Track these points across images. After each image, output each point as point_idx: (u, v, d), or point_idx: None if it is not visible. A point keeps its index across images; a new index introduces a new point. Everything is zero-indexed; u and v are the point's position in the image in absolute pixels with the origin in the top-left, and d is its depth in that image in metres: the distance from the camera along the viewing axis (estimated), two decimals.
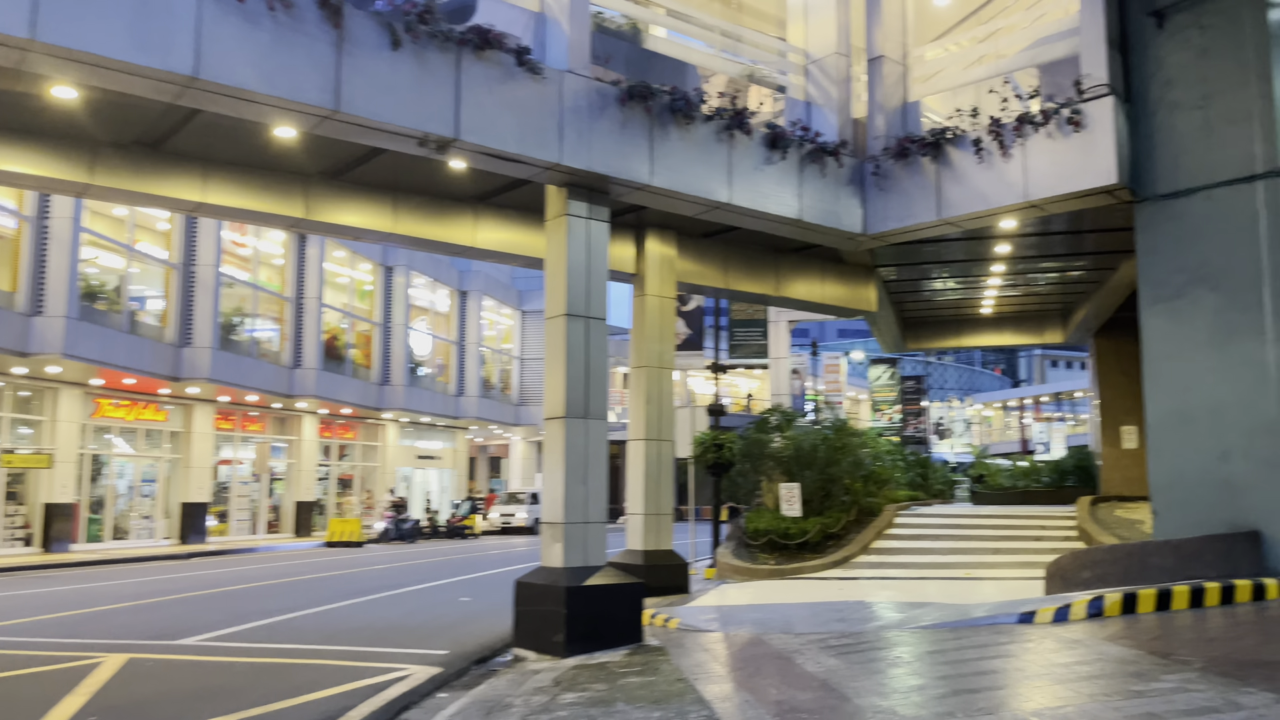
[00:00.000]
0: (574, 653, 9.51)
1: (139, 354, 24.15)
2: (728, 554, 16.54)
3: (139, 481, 28.58)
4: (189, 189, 11.19)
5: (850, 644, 8.78)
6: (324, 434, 35.25)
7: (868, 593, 13.10)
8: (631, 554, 14.31)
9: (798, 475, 17.21)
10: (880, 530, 17.56)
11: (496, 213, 13.51)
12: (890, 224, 12.14)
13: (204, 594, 15.54)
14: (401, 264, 35.70)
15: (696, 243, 15.59)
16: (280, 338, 30.66)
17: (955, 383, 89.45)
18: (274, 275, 30.87)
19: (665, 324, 14.76)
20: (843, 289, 17.54)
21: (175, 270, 26.09)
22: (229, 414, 30.98)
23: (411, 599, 14.96)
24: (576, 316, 10.23)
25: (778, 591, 13.77)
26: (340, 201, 12.24)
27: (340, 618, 12.67)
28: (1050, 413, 74.17)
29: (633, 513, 14.47)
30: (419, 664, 9.37)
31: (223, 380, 26.42)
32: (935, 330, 28.14)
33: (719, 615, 11.57)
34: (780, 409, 20.53)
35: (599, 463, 10.26)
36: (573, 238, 10.25)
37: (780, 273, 16.62)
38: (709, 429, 17.69)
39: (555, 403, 10.22)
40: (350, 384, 33.01)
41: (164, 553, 25.47)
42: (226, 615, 12.70)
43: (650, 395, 14.48)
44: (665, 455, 14.56)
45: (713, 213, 11.47)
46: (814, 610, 11.44)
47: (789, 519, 16.38)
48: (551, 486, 10.18)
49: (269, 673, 8.88)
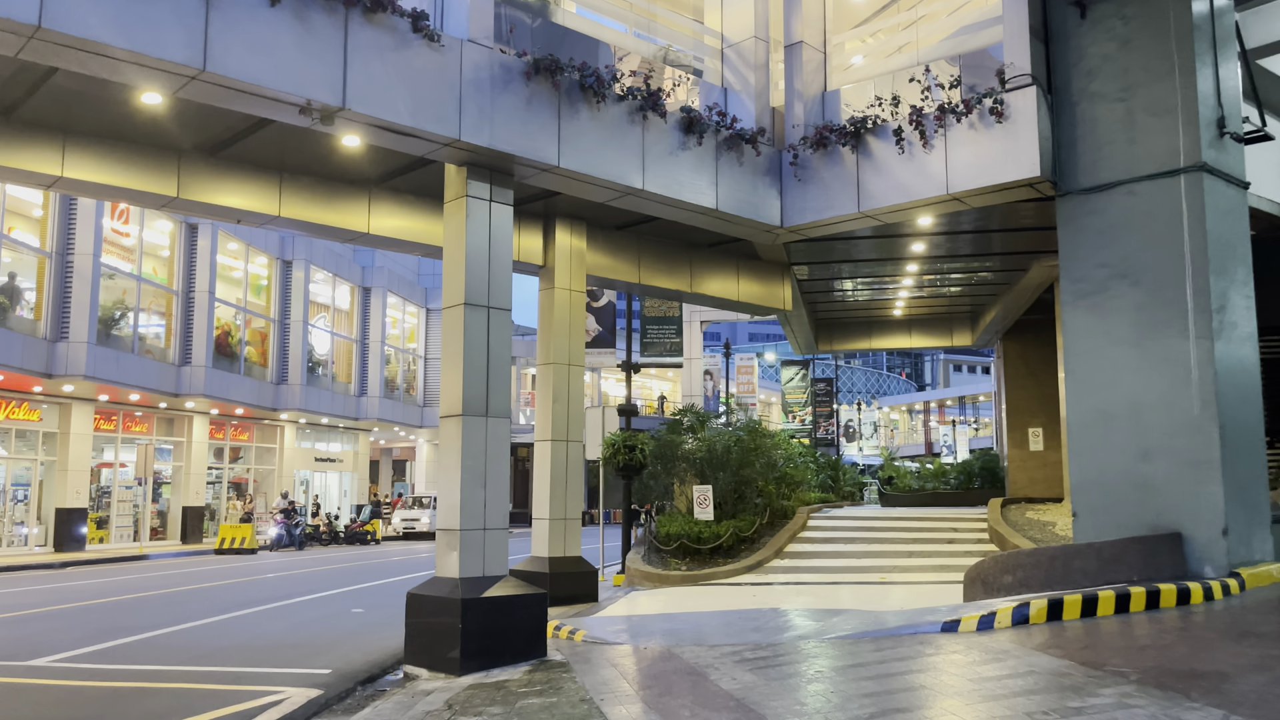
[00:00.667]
0: (470, 670, 8.76)
1: (6, 349, 22.37)
2: (638, 560, 15.94)
3: (9, 485, 26.59)
4: (45, 161, 10.07)
5: (767, 657, 8.23)
6: (215, 435, 33.51)
7: (782, 599, 12.63)
8: (537, 561, 13.59)
9: (710, 477, 16.71)
10: (794, 533, 17.18)
11: (394, 197, 12.65)
12: (809, 216, 11.69)
13: (70, 607, 14.24)
14: (301, 258, 34.19)
15: (608, 235, 14.95)
16: (167, 333, 28.93)
17: (863, 386, 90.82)
18: (161, 267, 29.13)
19: (575, 319, 14.08)
20: (758, 287, 17.12)
21: (49, 259, 24.30)
22: (110, 414, 29.12)
23: (299, 611, 13.95)
24: (477, 306, 9.48)
25: (690, 599, 13.20)
26: (219, 180, 11.23)
27: (217, 633, 11.63)
28: (954, 416, 75.81)
29: (539, 518, 13.75)
30: (298, 685, 8.50)
31: (101, 378, 24.71)
32: (847, 332, 28.10)
33: (628, 626, 10.93)
34: (693, 410, 20.06)
35: (500, 464, 9.52)
36: (473, 221, 9.50)
37: (695, 269, 16.11)
38: (620, 430, 17.07)
39: (452, 399, 9.44)
40: (244, 383, 31.41)
41: (37, 561, 23.68)
42: (90, 632, 11.54)
43: (559, 394, 13.79)
44: (574, 457, 13.88)
45: (625, 199, 10.84)
46: (727, 620, 10.89)
47: (701, 523, 15.86)
48: (448, 490, 9.41)
49: (123, 699, 7.90)
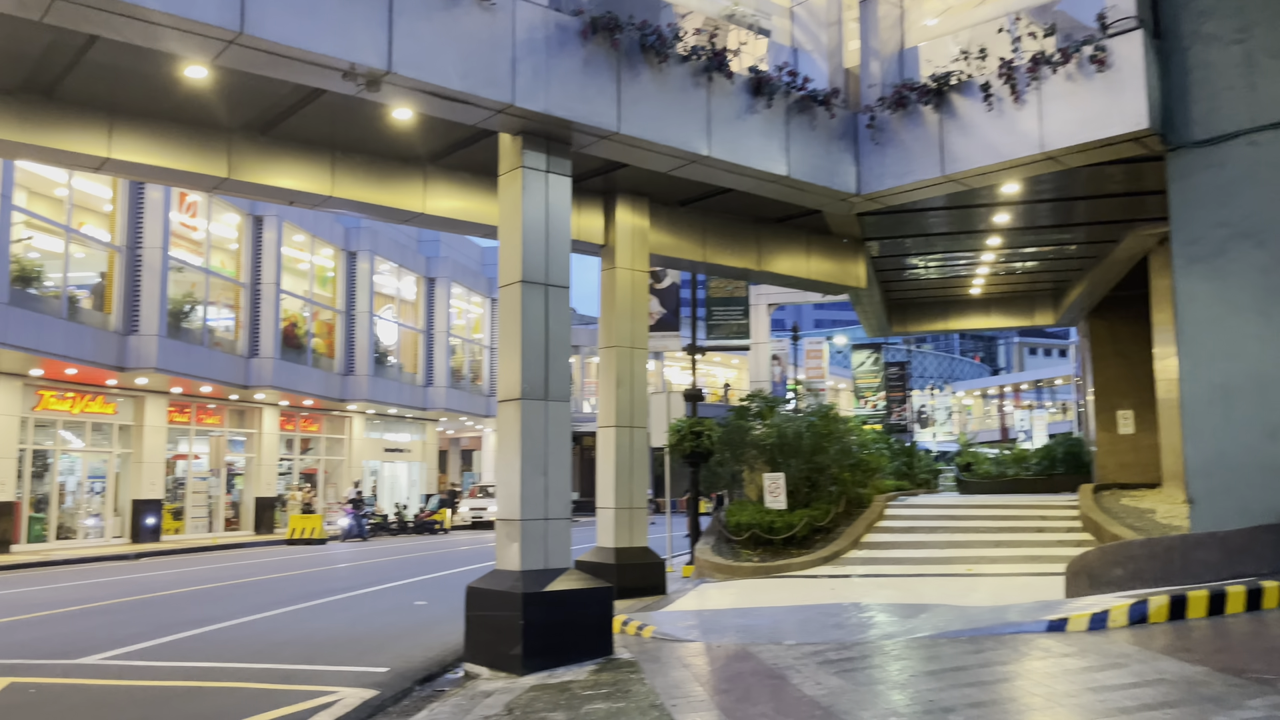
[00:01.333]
0: (533, 668, 8.23)
1: (78, 342, 22.57)
2: (707, 550, 15.31)
3: (86, 478, 26.99)
4: (92, 142, 9.78)
5: (852, 658, 7.55)
6: (286, 427, 33.72)
7: (863, 593, 11.89)
8: (602, 552, 13.05)
9: (782, 465, 15.98)
10: (871, 523, 16.39)
11: (449, 176, 12.17)
12: (888, 182, 10.90)
13: (137, 600, 14.13)
14: (365, 249, 34.17)
15: (671, 212, 14.31)
16: (235, 325, 29.09)
17: (935, 370, 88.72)
18: (228, 260, 29.28)
19: (637, 300, 13.47)
20: (830, 264, 16.33)
21: (119, 254, 24.49)
22: (183, 406, 29.40)
23: (362, 603, 13.63)
24: (534, 284, 8.92)
25: (763, 592, 12.53)
26: (270, 160, 10.85)
27: (277, 627, 11.32)
28: (1030, 400, 73.57)
29: (603, 507, 13.20)
30: (353, 685, 8.06)
31: (171, 370, 24.87)
32: (922, 313, 27.04)
33: (699, 622, 10.32)
34: (762, 395, 19.31)
35: (561, 451, 8.97)
36: (529, 193, 8.94)
37: (763, 246, 15.38)
38: (686, 416, 16.43)
39: (510, 382, 8.91)
40: (311, 374, 31.48)
41: (112, 553, 23.95)
42: (150, 626, 11.32)
43: (621, 378, 13.20)
44: (639, 444, 13.30)
45: (689, 168, 10.19)
46: (806, 615, 10.21)
47: (773, 512, 15.17)
48: (507, 479, 8.88)
49: (168, 701, 7.54)
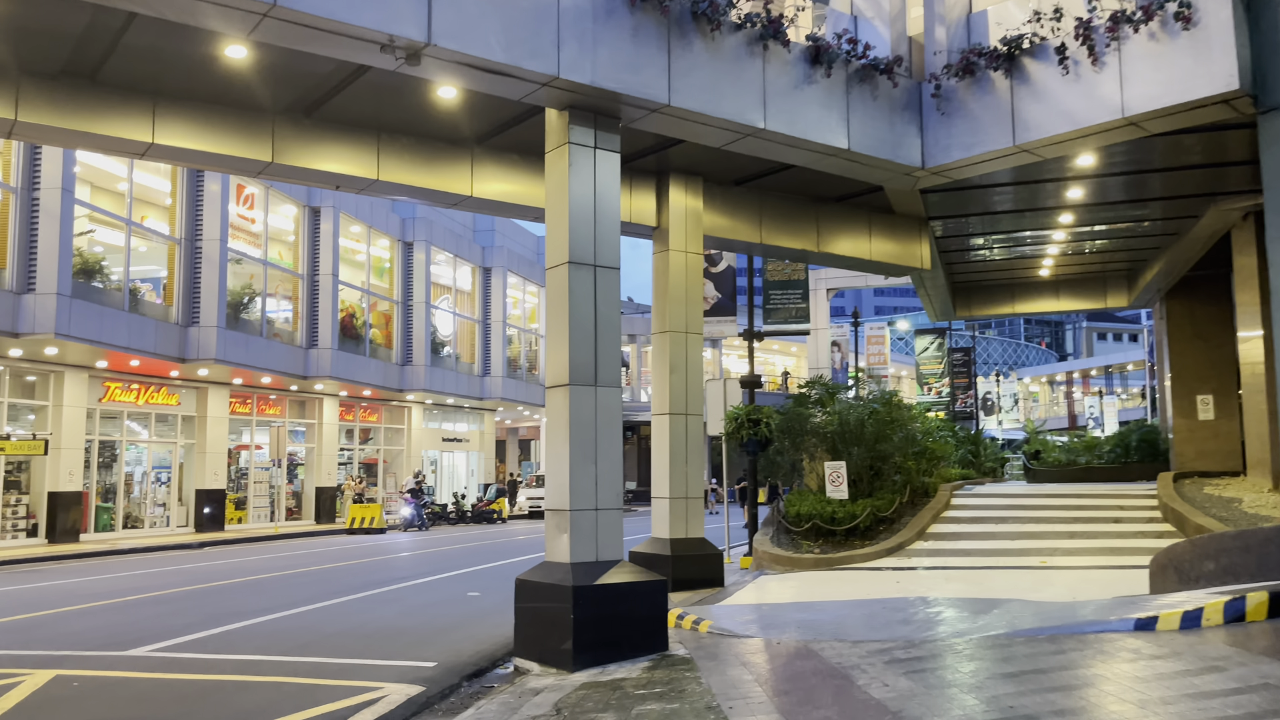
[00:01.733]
0: (584, 664, 7.91)
1: (141, 334, 22.85)
2: (766, 541, 14.87)
3: (151, 468, 27.42)
4: (135, 127, 9.65)
5: (922, 657, 7.08)
6: (345, 417, 33.96)
7: (930, 587, 11.37)
8: (657, 543, 12.69)
9: (843, 453, 15.48)
10: (937, 513, 15.81)
11: (497, 158, 11.88)
12: (955, 154, 10.32)
13: (194, 589, 14.15)
14: (421, 240, 34.21)
15: (726, 192, 13.86)
16: (294, 316, 29.30)
17: (1000, 356, 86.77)
18: (286, 251, 29.49)
19: (691, 283, 13.06)
20: (892, 245, 15.73)
21: (179, 246, 24.75)
22: (244, 397, 29.73)
23: (415, 594, 13.46)
24: (582, 265, 8.57)
25: (825, 585, 12.07)
26: (315, 143, 10.65)
27: (327, 618, 11.17)
28: (1099, 386, 71.51)
29: (658, 496, 12.84)
30: (400, 680, 7.82)
31: (231, 361, 25.10)
32: (988, 296, 26.20)
33: (758, 616, 9.91)
34: (821, 381, 18.76)
35: (612, 438, 8.61)
36: (576, 171, 8.58)
37: (822, 226, 14.86)
38: (743, 404, 15.98)
39: (558, 368, 8.58)
40: (370, 364, 31.63)
41: (177, 541, 24.28)
42: (202, 617, 11.25)
43: (676, 364, 12.81)
44: (694, 432, 12.90)
45: (744, 142, 9.74)
46: (870, 610, 9.73)
47: (835, 502, 14.67)
48: (556, 468, 8.56)
49: (212, 696, 7.35)
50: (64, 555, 20.60)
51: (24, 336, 20.01)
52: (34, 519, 23.22)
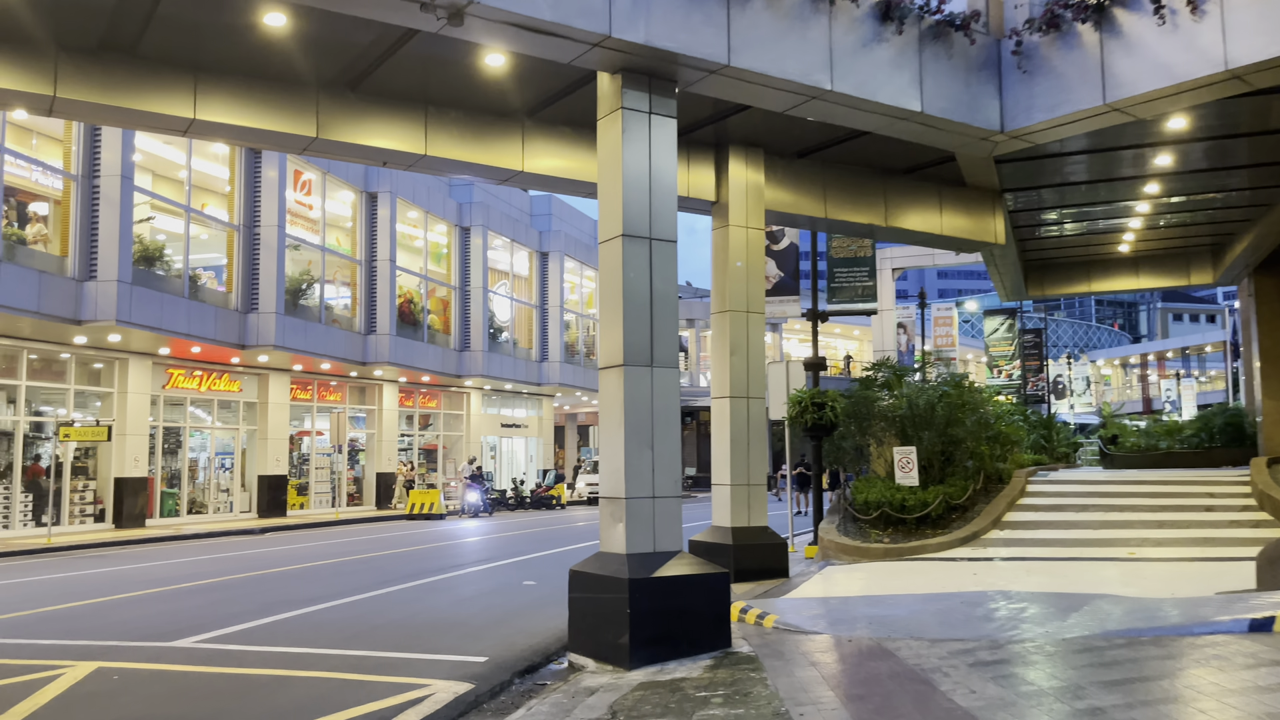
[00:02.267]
0: (641, 661, 7.44)
1: (201, 320, 22.94)
2: (832, 529, 14.27)
3: (215, 454, 27.65)
4: (176, 103, 9.36)
5: (1008, 659, 6.48)
6: (405, 403, 33.98)
7: (1010, 580, 10.68)
8: (718, 531, 12.17)
9: (913, 438, 14.78)
10: (1012, 500, 15.05)
11: (549, 131, 11.40)
12: (1037, 116, 9.58)
13: (247, 577, 14.02)
14: (479, 224, 34.00)
15: (789, 164, 13.22)
16: (353, 303, 29.29)
17: (1070, 339, 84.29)
18: (344, 237, 29.48)
19: (753, 260, 12.48)
20: (964, 219, 14.95)
21: (238, 232, 24.81)
22: (305, 383, 29.86)
23: (468, 582, 13.14)
24: (636, 238, 8.06)
25: (896, 577, 11.44)
26: (361, 118, 10.29)
27: (378, 608, 10.88)
28: (1176, 369, 69.03)
29: (719, 483, 12.31)
30: (447, 677, 7.43)
31: (290, 347, 25.13)
32: (1062, 274, 25.13)
33: (826, 610, 9.35)
34: (888, 363, 18.02)
35: (669, 422, 8.11)
36: (630, 137, 8.06)
37: (890, 200, 14.14)
38: (806, 387, 15.35)
39: (612, 348, 8.09)
40: (428, 350, 31.54)
41: (240, 527, 24.43)
42: (255, 605, 11.04)
43: (737, 345, 12.25)
44: (756, 415, 12.34)
45: (809, 105, 9.12)
46: (947, 605, 9.11)
47: (905, 488, 14.00)
48: (610, 453, 8.08)
49: (252, 692, 7.03)
50: (129, 540, 20.78)
51: (86, 324, 20.14)
52: (101, 504, 23.51)
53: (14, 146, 19.65)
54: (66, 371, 22.57)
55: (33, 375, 21.76)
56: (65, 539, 20.44)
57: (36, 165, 20.35)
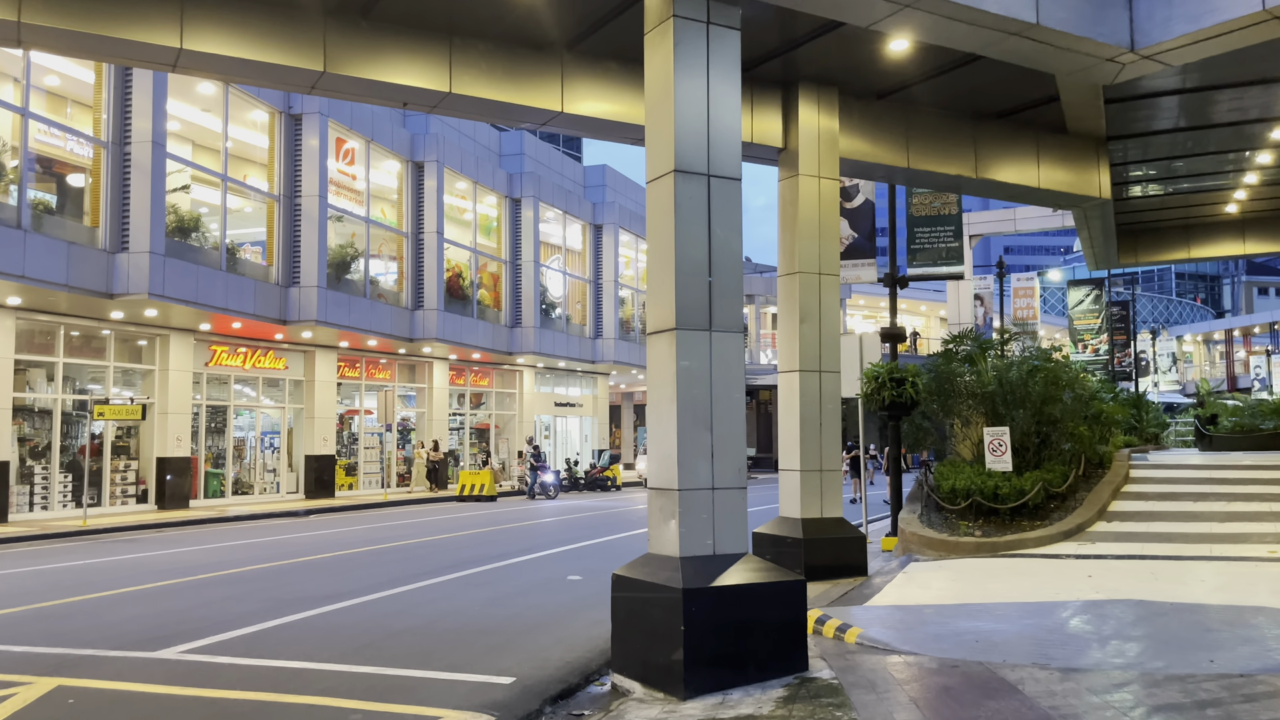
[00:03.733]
0: (698, 690, 6.09)
1: (240, 294, 22.01)
2: (913, 520, 12.73)
3: (261, 433, 26.89)
4: (159, 31, 8.13)
5: (1180, 705, 4.97)
6: (456, 381, 32.97)
7: (1134, 584, 9.09)
8: (786, 524, 10.74)
9: (1005, 417, 13.16)
10: (1116, 487, 13.37)
11: (592, 66, 9.99)
12: (1176, 28, 7.92)
13: (271, 567, 12.96)
14: (529, 195, 32.73)
15: (866, 107, 11.65)
16: (399, 277, 28.25)
17: (1149, 314, 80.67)
18: (389, 209, 28.42)
19: (826, 215, 10.96)
20: (1064, 171, 13.23)
21: (278, 203, 23.84)
22: (353, 361, 28.95)
23: (507, 577, 11.89)
24: (691, 174, 6.63)
25: (995, 579, 9.90)
26: (374, 51, 8.97)
27: (402, 608, 9.67)
28: (1264, 345, 65.58)
29: (786, 469, 10.87)
30: (462, 707, 6.14)
31: (333, 322, 24.14)
32: (1157, 240, 23.12)
33: (920, 621, 7.87)
34: (971, 335, 16.30)
35: (731, 397, 6.70)
36: (683, 53, 6.62)
37: (981, 148, 12.49)
38: (883, 361, 13.78)
39: (662, 309, 6.70)
40: (477, 326, 30.41)
41: (284, 509, 23.60)
42: (264, 604, 9.91)
43: (807, 311, 10.77)
44: (829, 392, 10.87)
45: (899, 16, 7.57)
46: (1068, 619, 7.58)
47: (998, 474, 12.40)
48: (660, 435, 6.71)
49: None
50: (169, 523, 20.01)
51: (119, 297, 19.30)
52: (144, 485, 22.82)
53: (46, 114, 18.84)
54: (106, 348, 21.84)
55: (72, 352, 21.04)
56: (104, 520, 19.71)
57: (68, 133, 19.52)
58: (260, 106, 23.43)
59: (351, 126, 25.47)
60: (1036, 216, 25.27)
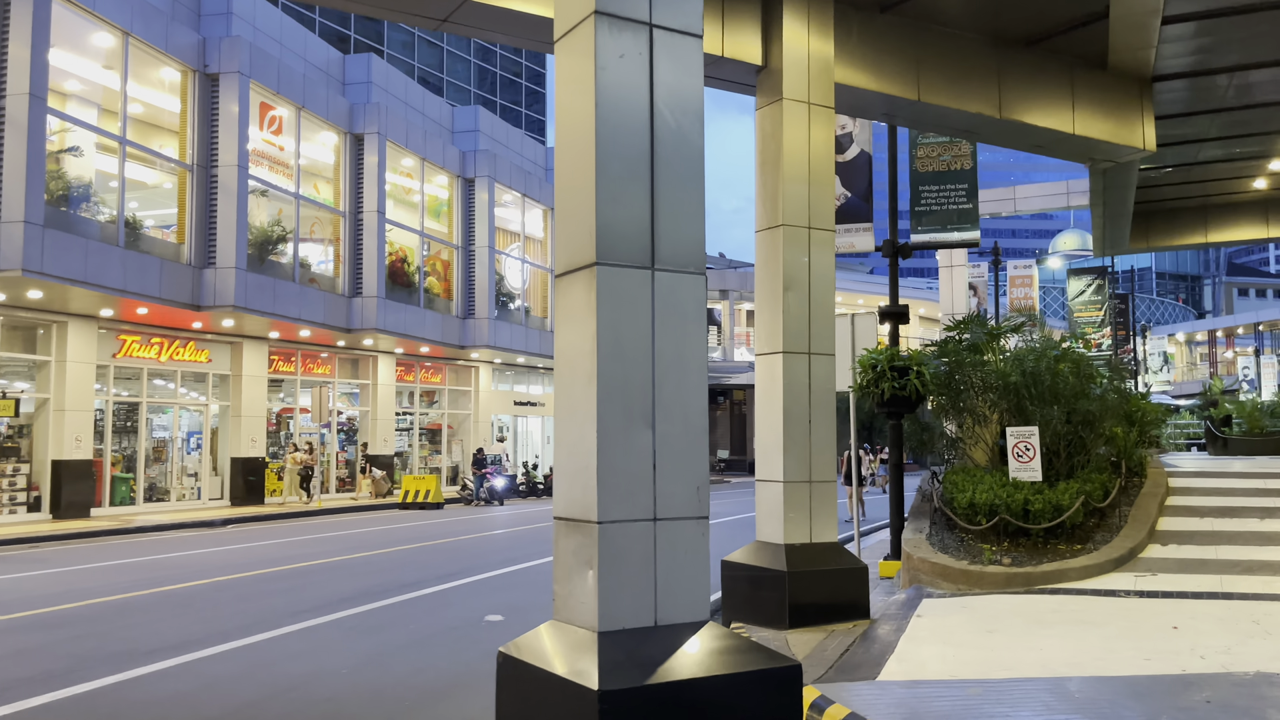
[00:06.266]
0: None
1: (142, 275, 19.28)
2: (921, 541, 10.28)
3: (179, 433, 24.11)
4: None
5: None
6: (405, 378, 30.31)
7: (1247, 641, 6.66)
8: (765, 551, 8.27)
9: (1033, 415, 10.77)
10: (1160, 500, 11.03)
11: None
12: None
13: (118, 602, 10.36)
14: (484, 175, 30.08)
15: (868, 23, 9.21)
16: (335, 260, 25.54)
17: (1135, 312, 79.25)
18: (325, 187, 25.70)
19: (817, 154, 8.51)
20: (1102, 116, 10.87)
21: (190, 173, 21.10)
22: (287, 354, 26.24)
23: (413, 615, 9.34)
24: (623, 20, 4.15)
25: (1047, 630, 7.41)
26: None
27: (252, 667, 7.11)
28: (1246, 346, 64.21)
29: (765, 479, 8.40)
30: None
31: (256, 309, 21.44)
32: (1171, 222, 20.98)
33: (963, 712, 5.40)
34: (976, 319, 13.86)
35: (686, 375, 4.21)
36: None
37: (1006, 82, 10.09)
38: (885, 347, 11.33)
39: (574, 237, 4.21)
40: (425, 317, 27.76)
41: (202, 518, 20.89)
42: (79, 659, 7.37)
43: (793, 277, 8.32)
44: (821, 380, 8.43)
45: None
46: (1188, 713, 5.14)
47: (1026, 486, 9.98)
48: (572, 436, 4.21)
49: None
50: (60, 535, 17.31)
51: None
52: (36, 491, 20.06)
53: None
54: None
55: None
56: None
57: None
58: (170, 63, 20.71)
59: (279, 90, 22.78)
60: (1038, 195, 23.07)
